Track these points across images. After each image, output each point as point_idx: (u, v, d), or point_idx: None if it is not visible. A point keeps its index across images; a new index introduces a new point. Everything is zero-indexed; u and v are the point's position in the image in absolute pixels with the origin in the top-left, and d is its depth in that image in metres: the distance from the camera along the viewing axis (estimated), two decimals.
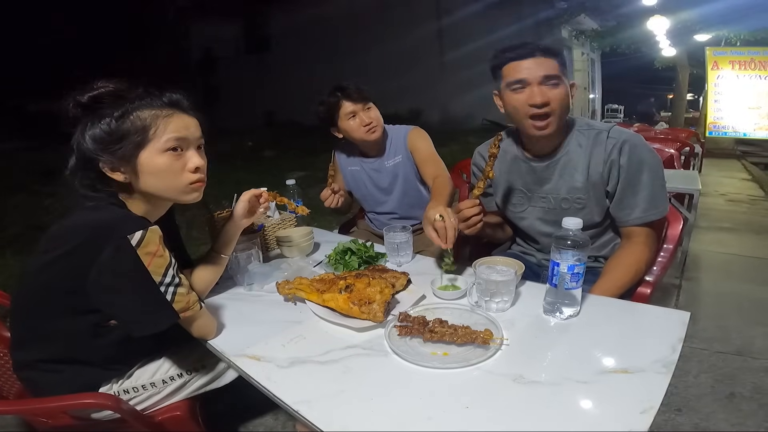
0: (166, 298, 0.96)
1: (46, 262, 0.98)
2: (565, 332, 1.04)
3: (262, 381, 0.92)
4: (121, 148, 0.99)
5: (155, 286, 0.95)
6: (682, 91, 11.58)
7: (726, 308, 2.67)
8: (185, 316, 1.01)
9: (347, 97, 1.80)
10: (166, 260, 0.97)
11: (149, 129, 1.01)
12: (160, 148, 1.02)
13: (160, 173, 1.03)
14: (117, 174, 1.02)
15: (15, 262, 3.43)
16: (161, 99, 1.04)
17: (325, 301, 1.16)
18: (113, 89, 1.02)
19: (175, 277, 0.99)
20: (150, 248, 0.94)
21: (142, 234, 0.93)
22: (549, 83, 1.27)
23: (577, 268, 1.04)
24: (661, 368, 0.87)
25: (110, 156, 0.99)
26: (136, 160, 1.01)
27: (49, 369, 1.06)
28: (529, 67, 1.28)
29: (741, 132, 8.08)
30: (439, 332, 1.00)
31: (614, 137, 1.35)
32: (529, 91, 1.29)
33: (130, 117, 1.00)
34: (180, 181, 1.06)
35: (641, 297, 1.37)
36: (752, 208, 5.24)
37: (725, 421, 1.72)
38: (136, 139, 1.00)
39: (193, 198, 1.10)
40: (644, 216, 1.34)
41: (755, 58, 7.64)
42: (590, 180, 1.38)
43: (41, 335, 1.04)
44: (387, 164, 1.97)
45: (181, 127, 1.05)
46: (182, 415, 1.18)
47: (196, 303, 1.04)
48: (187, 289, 1.02)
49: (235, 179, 6.01)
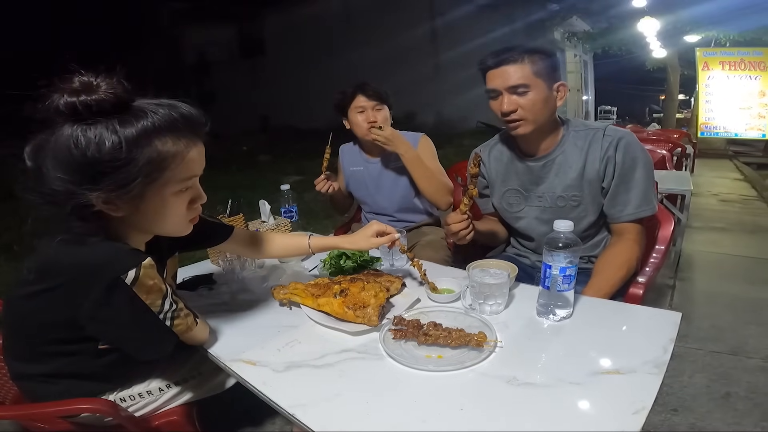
0: (166, 325, 0.95)
1: (32, 293, 0.91)
2: (558, 334, 1.05)
3: (258, 385, 0.92)
4: (128, 182, 0.80)
5: (155, 316, 0.93)
6: (674, 92, 11.68)
7: (720, 308, 2.69)
8: (184, 336, 1.01)
9: (362, 92, 1.90)
10: (162, 291, 0.93)
11: (168, 166, 0.84)
12: (174, 190, 0.88)
13: (166, 212, 0.91)
14: (111, 207, 0.85)
15: (9, 269, 3.41)
16: (182, 121, 0.85)
17: (320, 306, 1.16)
18: (121, 94, 0.80)
19: (173, 304, 0.96)
20: (145, 284, 0.88)
21: (136, 272, 0.85)
22: (518, 92, 1.33)
23: (569, 270, 1.05)
24: (653, 369, 0.88)
25: (110, 189, 0.80)
26: (141, 196, 0.85)
27: (49, 381, 1.05)
28: (500, 76, 1.34)
29: (732, 132, 8.17)
30: (434, 335, 1.00)
31: (610, 135, 1.39)
32: (500, 100, 1.36)
33: (150, 147, 0.80)
34: (183, 218, 0.95)
35: (634, 298, 1.38)
36: (744, 207, 5.29)
37: (721, 420, 1.74)
38: (149, 174, 0.82)
39: (187, 231, 0.99)
40: (636, 212, 1.37)
41: (745, 58, 7.73)
42: (586, 177, 1.40)
43: (39, 353, 1.02)
44: (390, 166, 2.02)
45: (198, 163, 0.91)
46: (179, 420, 1.18)
47: (193, 322, 1.02)
48: (185, 311, 0.99)
49: (230, 184, 6.01)
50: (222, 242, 1.30)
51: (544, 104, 1.35)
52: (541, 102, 1.34)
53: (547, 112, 1.37)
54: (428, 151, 2.01)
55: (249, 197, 2.79)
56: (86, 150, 0.78)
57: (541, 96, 1.33)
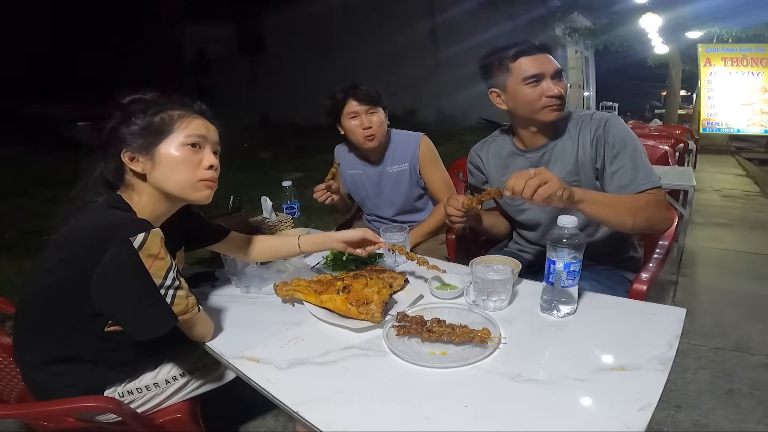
0: (166, 301, 0.97)
1: (49, 267, 0.99)
2: (563, 330, 1.05)
3: (261, 382, 0.92)
4: (147, 137, 1.04)
5: (156, 288, 0.95)
6: (675, 88, 11.63)
7: (723, 304, 2.68)
8: (184, 319, 1.01)
9: (354, 96, 1.81)
10: (167, 263, 0.97)
11: (174, 123, 1.07)
12: (181, 141, 1.06)
13: (176, 165, 1.06)
14: (135, 164, 1.05)
15: (10, 267, 3.41)
16: (192, 106, 1.12)
17: (323, 302, 1.16)
18: (153, 97, 1.09)
19: (176, 280, 0.99)
20: (152, 251, 0.94)
21: (144, 236, 0.93)
22: (558, 77, 1.38)
23: (573, 266, 1.04)
24: (659, 365, 0.88)
25: (134, 144, 1.04)
26: (156, 150, 1.05)
27: (56, 371, 1.06)
28: (545, 61, 1.37)
29: (735, 128, 8.14)
30: (437, 332, 1.00)
31: (597, 118, 1.44)
32: (546, 84, 1.36)
33: (162, 114, 1.06)
34: (194, 175, 1.08)
35: (638, 294, 1.37)
36: (747, 203, 5.28)
37: (724, 417, 1.73)
38: (160, 130, 1.05)
39: (204, 196, 1.11)
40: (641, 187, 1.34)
41: (747, 54, 7.69)
42: (581, 161, 1.42)
43: (48, 337, 1.05)
44: (390, 170, 1.96)
45: (203, 127, 1.11)
46: (183, 416, 1.18)
47: (195, 306, 1.04)
48: (187, 292, 1.02)
49: (232, 181, 6.00)
50: (218, 242, 1.39)
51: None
52: (566, 90, 1.40)
53: None
54: (430, 153, 1.95)
55: (250, 194, 2.79)
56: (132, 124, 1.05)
57: (565, 84, 1.39)
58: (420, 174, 1.96)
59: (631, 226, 1.26)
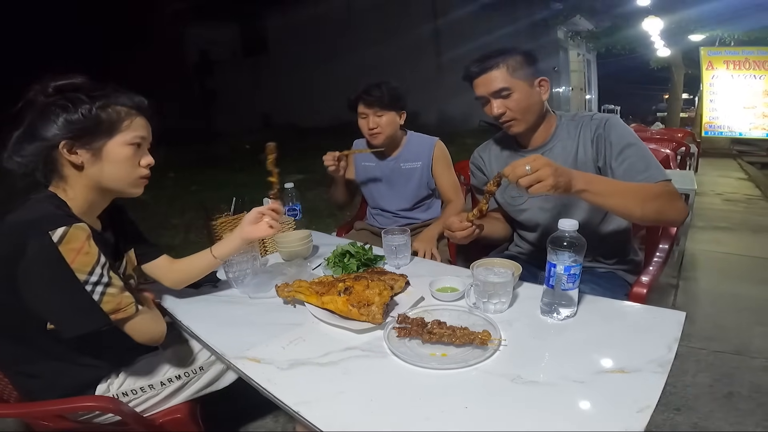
0: (92, 298, 0.94)
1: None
2: (563, 333, 1.05)
3: (262, 383, 0.93)
4: (93, 133, 1.03)
5: (79, 284, 0.92)
6: (678, 91, 11.61)
7: (723, 307, 2.68)
8: (117, 318, 0.98)
9: (363, 100, 1.96)
10: (93, 258, 0.94)
11: (123, 121, 1.07)
12: (127, 141, 1.08)
13: (120, 163, 1.08)
14: (74, 156, 1.03)
15: None
16: (132, 100, 1.11)
17: (324, 304, 1.16)
18: (89, 83, 1.08)
19: (104, 276, 0.95)
20: (73, 245, 0.92)
21: (64, 230, 0.91)
22: (502, 95, 1.41)
23: (573, 269, 1.05)
24: (658, 368, 0.88)
25: (77, 139, 1.02)
26: (102, 147, 1.05)
27: (28, 373, 1.06)
28: (483, 84, 1.43)
29: (737, 132, 8.11)
30: (438, 333, 1.01)
31: (597, 118, 1.46)
32: (489, 105, 1.44)
33: (109, 109, 1.06)
34: (134, 173, 1.11)
35: (638, 297, 1.38)
36: (749, 207, 5.26)
37: (723, 420, 1.73)
38: (109, 127, 1.05)
39: (138, 192, 1.15)
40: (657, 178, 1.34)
41: (750, 57, 7.68)
42: (580, 160, 1.44)
43: (4, 341, 1.04)
44: (403, 166, 2.07)
45: (145, 127, 1.13)
46: (183, 417, 1.19)
47: (130, 305, 1.00)
48: (119, 289, 0.98)
49: (233, 182, 6.02)
50: (148, 261, 1.33)
51: (528, 102, 1.42)
52: (526, 100, 1.42)
53: (535, 108, 1.45)
54: (443, 156, 2.08)
55: (252, 195, 2.79)
56: (71, 113, 1.01)
57: (524, 95, 1.41)
58: (432, 174, 2.07)
59: (640, 216, 1.25)
